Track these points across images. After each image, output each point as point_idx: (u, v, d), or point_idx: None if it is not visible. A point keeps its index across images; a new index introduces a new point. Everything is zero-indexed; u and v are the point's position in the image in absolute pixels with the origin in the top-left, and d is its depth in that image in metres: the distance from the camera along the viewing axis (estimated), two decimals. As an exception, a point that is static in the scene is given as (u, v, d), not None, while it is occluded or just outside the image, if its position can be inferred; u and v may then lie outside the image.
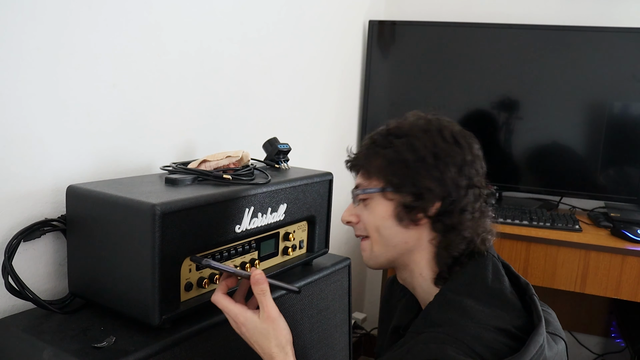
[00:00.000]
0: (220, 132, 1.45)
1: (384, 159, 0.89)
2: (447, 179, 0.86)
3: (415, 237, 0.89)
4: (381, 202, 0.90)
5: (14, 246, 0.93)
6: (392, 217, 0.89)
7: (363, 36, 2.23)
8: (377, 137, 0.93)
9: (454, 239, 0.87)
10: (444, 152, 0.87)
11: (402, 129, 0.91)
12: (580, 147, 2.06)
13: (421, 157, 0.86)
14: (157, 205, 0.84)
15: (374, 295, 2.49)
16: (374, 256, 0.94)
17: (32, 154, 0.98)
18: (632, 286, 1.70)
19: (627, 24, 1.97)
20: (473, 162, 0.89)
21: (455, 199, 0.86)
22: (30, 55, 0.95)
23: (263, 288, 0.85)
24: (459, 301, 0.82)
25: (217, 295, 0.88)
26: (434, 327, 0.80)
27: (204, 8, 1.33)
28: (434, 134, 0.88)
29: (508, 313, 0.82)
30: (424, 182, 0.86)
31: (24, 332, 0.89)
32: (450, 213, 0.87)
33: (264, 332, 0.84)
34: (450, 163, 0.86)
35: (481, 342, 0.76)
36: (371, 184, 0.92)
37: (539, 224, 1.86)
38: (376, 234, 0.92)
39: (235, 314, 0.86)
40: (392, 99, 2.24)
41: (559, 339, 0.88)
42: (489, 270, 0.87)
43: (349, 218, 0.97)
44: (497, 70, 2.10)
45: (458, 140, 0.89)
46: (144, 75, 1.19)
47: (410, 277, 0.93)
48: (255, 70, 1.55)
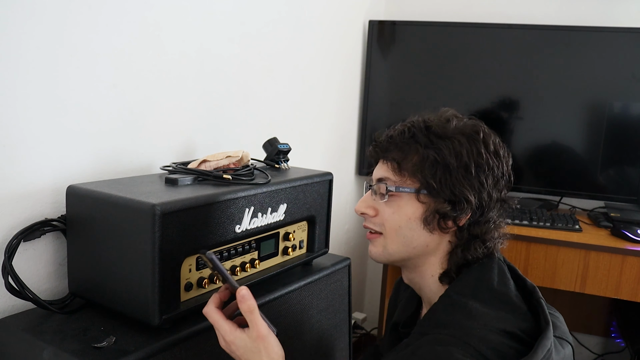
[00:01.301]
0: (220, 132, 1.45)
1: (423, 158, 0.85)
2: (484, 191, 0.84)
3: (437, 241, 0.88)
4: (412, 202, 0.87)
5: (14, 246, 0.93)
6: (419, 220, 0.86)
7: (363, 36, 2.23)
8: (417, 131, 0.87)
9: (474, 245, 0.86)
10: (487, 163, 0.85)
11: (445, 130, 0.86)
12: (580, 147, 2.06)
13: (465, 164, 0.83)
14: (157, 205, 0.84)
15: (374, 295, 2.49)
16: (387, 254, 0.91)
17: (32, 154, 0.98)
18: (632, 286, 1.70)
19: (627, 24, 1.97)
20: (507, 176, 0.88)
21: (486, 209, 0.85)
22: (30, 55, 0.95)
23: (250, 305, 0.80)
24: (464, 303, 0.81)
25: (209, 307, 0.84)
26: (440, 329, 0.79)
27: (204, 8, 1.33)
28: (478, 142, 0.85)
29: (514, 316, 0.81)
30: (463, 192, 0.83)
31: (24, 332, 0.89)
32: (478, 223, 0.86)
33: (254, 350, 0.80)
34: (490, 175, 0.85)
35: (488, 345, 0.75)
36: (404, 181, 0.87)
37: (539, 224, 1.86)
38: (395, 233, 0.88)
39: (225, 332, 0.81)
40: (392, 99, 2.24)
41: (566, 343, 0.87)
42: (495, 273, 0.86)
43: (365, 210, 0.92)
44: (497, 70, 2.10)
45: (498, 151, 0.87)
46: (144, 75, 1.19)
47: (419, 277, 0.92)
48: (255, 70, 1.56)
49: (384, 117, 2.24)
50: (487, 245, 0.87)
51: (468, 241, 0.87)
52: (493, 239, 0.88)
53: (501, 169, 0.87)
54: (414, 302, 0.98)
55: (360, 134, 2.27)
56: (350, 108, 2.21)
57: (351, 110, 2.21)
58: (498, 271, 0.87)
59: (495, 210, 0.87)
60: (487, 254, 0.88)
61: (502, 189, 0.88)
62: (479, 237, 0.86)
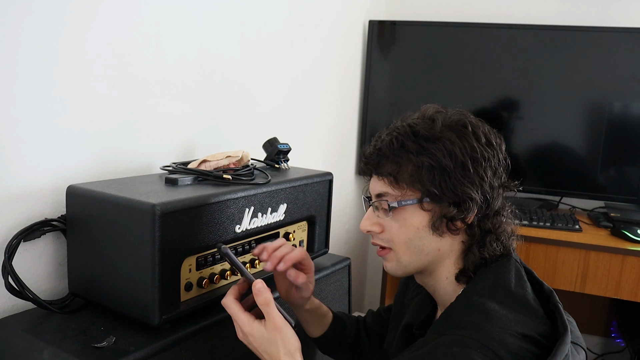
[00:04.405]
0: (220, 132, 1.45)
1: (418, 166, 0.82)
2: (486, 184, 0.83)
3: (449, 243, 0.86)
4: (417, 212, 0.85)
5: (14, 246, 0.93)
6: (427, 227, 0.85)
7: (363, 36, 2.23)
8: (405, 139, 0.84)
9: (489, 241, 0.85)
10: (482, 155, 0.83)
11: (433, 132, 0.83)
12: (580, 147, 2.06)
13: (461, 162, 0.81)
14: (157, 205, 0.84)
15: (374, 295, 2.49)
16: (402, 266, 0.89)
17: (32, 154, 0.98)
18: (632, 286, 1.70)
19: (627, 24, 1.97)
20: (504, 160, 0.87)
21: (491, 201, 0.84)
22: (30, 54, 0.95)
23: (266, 298, 0.83)
24: (482, 304, 0.79)
25: (228, 299, 0.86)
26: (457, 330, 0.77)
27: (204, 9, 1.33)
28: (469, 136, 0.83)
29: (531, 319, 0.79)
30: (466, 191, 0.81)
31: (24, 332, 0.89)
32: (487, 217, 0.85)
33: (271, 341, 0.82)
34: (488, 166, 0.83)
35: (506, 348, 0.73)
36: (404, 194, 0.84)
37: (539, 224, 1.86)
38: (405, 246, 0.86)
39: (243, 323, 0.84)
40: (392, 99, 2.24)
41: (580, 348, 0.85)
42: (512, 275, 0.85)
43: (371, 228, 0.89)
44: (497, 70, 2.10)
45: (490, 140, 0.85)
46: (144, 75, 1.19)
47: (433, 280, 0.90)
48: (255, 70, 1.55)
49: (384, 117, 2.23)
50: (501, 240, 0.86)
51: (482, 237, 0.85)
52: (506, 233, 0.87)
53: (497, 157, 0.85)
54: (428, 304, 0.96)
55: (360, 134, 2.27)
56: (350, 108, 2.21)
57: (351, 110, 2.22)
58: (515, 273, 0.85)
59: (500, 198, 0.86)
60: (504, 252, 0.87)
61: (502, 175, 0.86)
62: (492, 232, 0.85)
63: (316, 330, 1.08)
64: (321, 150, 1.99)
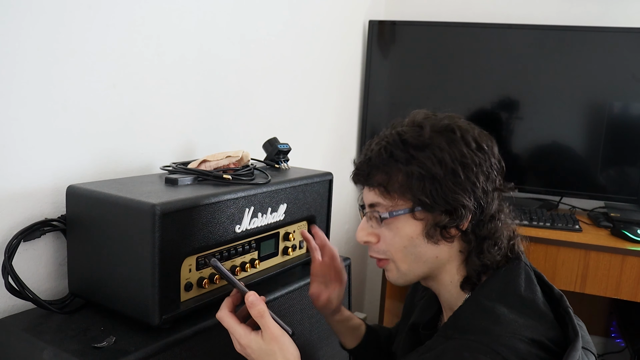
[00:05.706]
0: (220, 132, 1.45)
1: (408, 176, 0.81)
2: (478, 190, 0.81)
3: (446, 250, 0.85)
4: (409, 222, 0.83)
5: (14, 246, 0.93)
6: (421, 236, 0.83)
7: (363, 36, 2.23)
8: (394, 149, 0.83)
9: (487, 247, 0.84)
10: (473, 161, 0.81)
11: (422, 139, 0.82)
12: (580, 147, 2.06)
13: (451, 170, 0.80)
14: (157, 205, 0.84)
15: (374, 295, 2.49)
16: (403, 274, 0.88)
17: (32, 154, 0.98)
18: (632, 286, 1.70)
19: (627, 24, 1.97)
20: (496, 164, 0.85)
21: (485, 206, 0.83)
22: (30, 54, 0.95)
23: (260, 310, 0.81)
24: (491, 308, 0.78)
25: (222, 312, 0.85)
26: (466, 334, 0.76)
27: (204, 9, 1.33)
28: (458, 142, 0.82)
29: (541, 324, 0.78)
30: (457, 198, 0.80)
31: (24, 332, 0.89)
32: (482, 222, 0.83)
33: (269, 352, 0.81)
34: (480, 172, 0.82)
35: (516, 354, 0.72)
36: (396, 204, 0.83)
37: (539, 224, 1.86)
38: (401, 254, 0.86)
39: (240, 335, 0.82)
40: (392, 99, 2.24)
41: (590, 354, 0.84)
42: (522, 279, 0.84)
43: (367, 238, 0.89)
44: (497, 70, 2.10)
45: (481, 145, 0.84)
46: (144, 75, 1.19)
47: (437, 284, 0.89)
48: (255, 70, 1.56)
49: (384, 117, 2.23)
50: (499, 245, 0.85)
51: (479, 245, 0.84)
52: (505, 238, 0.86)
53: (489, 161, 0.83)
54: (434, 304, 0.96)
55: (360, 134, 2.27)
56: (350, 108, 2.21)
57: (351, 110, 2.22)
58: (525, 277, 0.84)
59: (495, 202, 0.85)
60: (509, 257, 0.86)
61: (496, 179, 0.85)
62: (489, 238, 0.84)
63: (350, 341, 1.11)
64: (321, 150, 1.99)
